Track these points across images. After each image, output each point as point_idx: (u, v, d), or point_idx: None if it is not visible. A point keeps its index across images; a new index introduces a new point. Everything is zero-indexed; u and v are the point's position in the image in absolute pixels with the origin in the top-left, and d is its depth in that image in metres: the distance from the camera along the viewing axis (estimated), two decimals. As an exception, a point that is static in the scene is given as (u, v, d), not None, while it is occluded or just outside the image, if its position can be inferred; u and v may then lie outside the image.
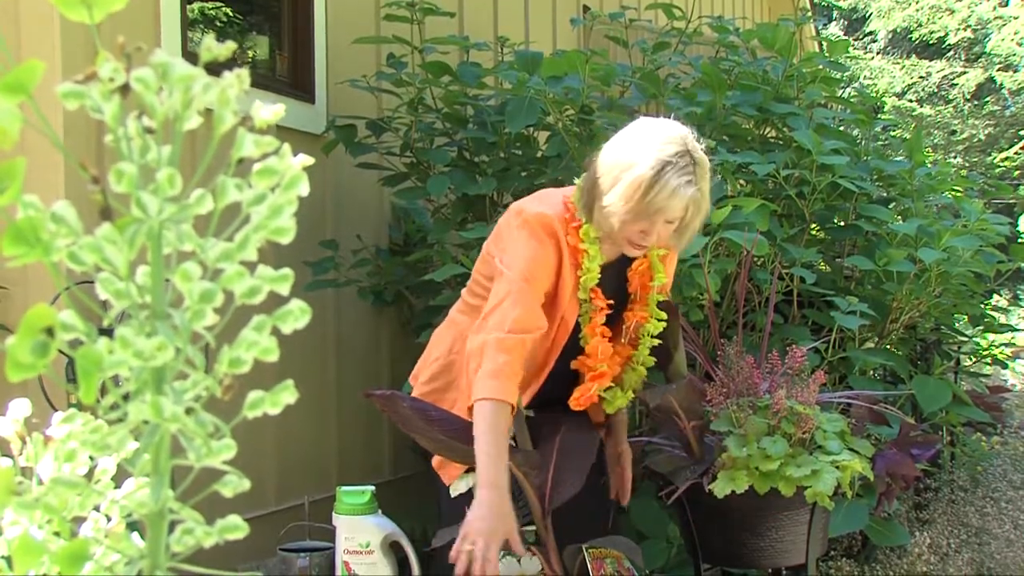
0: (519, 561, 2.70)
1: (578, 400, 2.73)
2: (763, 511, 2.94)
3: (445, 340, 2.85)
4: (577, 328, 2.70)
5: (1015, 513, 4.22)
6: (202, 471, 0.67)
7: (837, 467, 2.79)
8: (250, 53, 4.38)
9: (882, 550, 3.82)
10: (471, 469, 2.72)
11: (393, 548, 3.07)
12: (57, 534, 0.72)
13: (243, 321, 0.67)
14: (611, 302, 2.69)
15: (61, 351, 0.72)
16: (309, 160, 0.64)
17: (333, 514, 3.08)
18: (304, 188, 0.63)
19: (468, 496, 2.69)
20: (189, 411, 0.60)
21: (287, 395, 0.63)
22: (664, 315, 2.81)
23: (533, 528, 2.62)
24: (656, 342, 2.82)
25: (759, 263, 3.85)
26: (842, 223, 4.22)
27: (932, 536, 3.82)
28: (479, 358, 2.50)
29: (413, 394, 2.78)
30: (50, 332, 0.57)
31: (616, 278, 2.76)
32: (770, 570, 3.39)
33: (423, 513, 3.74)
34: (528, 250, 2.60)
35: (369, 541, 3.03)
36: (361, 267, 4.34)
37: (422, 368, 2.87)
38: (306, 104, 4.29)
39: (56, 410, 0.79)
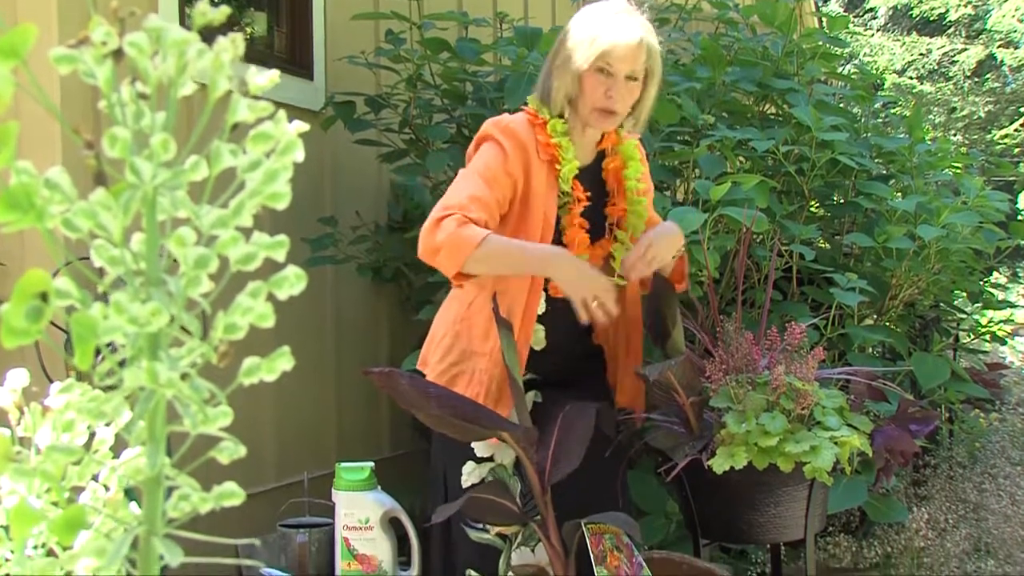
0: (533, 551, 2.71)
1: (556, 288, 2.74)
2: (762, 487, 2.94)
3: (447, 316, 2.85)
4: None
5: (1012, 489, 4.23)
6: (201, 446, 0.67)
7: (836, 443, 2.79)
8: (248, 29, 4.36)
9: (880, 526, 3.83)
10: (480, 460, 2.73)
11: (392, 524, 3.08)
12: (55, 504, 0.72)
13: (239, 290, 0.66)
14: (588, 193, 2.75)
15: (59, 326, 0.71)
16: (304, 126, 0.64)
17: (332, 490, 3.09)
18: (299, 154, 0.63)
19: (478, 484, 2.70)
20: (185, 377, 0.60)
21: (283, 362, 0.63)
22: (644, 201, 2.85)
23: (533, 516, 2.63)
24: (641, 228, 2.84)
25: (758, 240, 3.85)
26: (841, 200, 4.21)
27: (930, 512, 3.83)
28: (429, 236, 2.56)
29: (429, 379, 2.77)
30: (44, 297, 0.56)
31: (592, 180, 2.80)
32: (768, 545, 3.40)
33: (422, 490, 3.75)
34: (485, 153, 2.67)
35: (368, 517, 3.03)
36: (360, 244, 4.33)
37: (431, 351, 2.85)
38: (304, 80, 4.27)
39: (53, 382, 0.79)
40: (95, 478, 0.77)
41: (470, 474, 2.73)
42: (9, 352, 0.92)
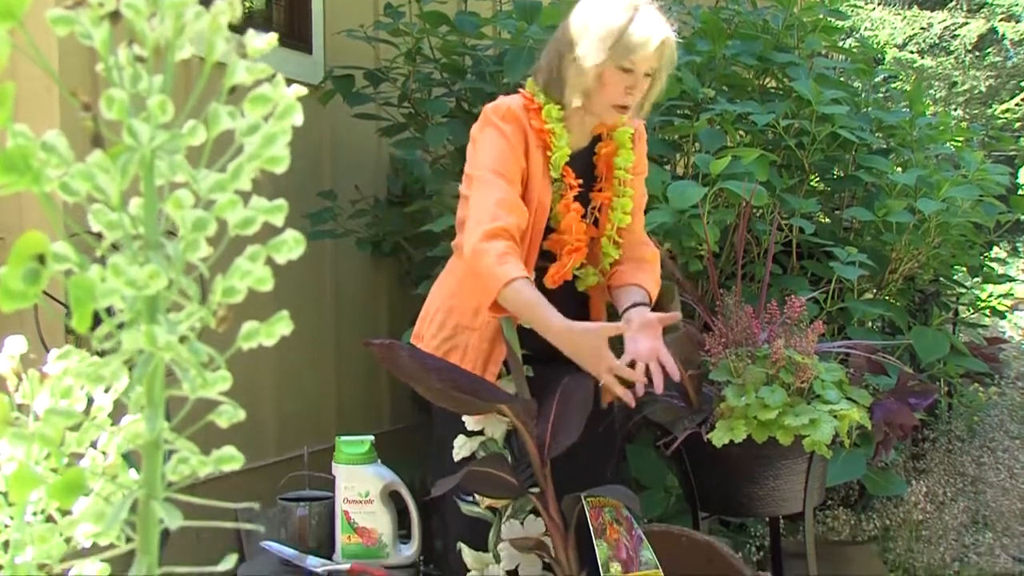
0: (522, 523, 2.72)
1: (553, 277, 2.74)
2: (761, 460, 2.95)
3: (441, 292, 2.85)
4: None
5: (1011, 462, 4.24)
6: (200, 412, 0.67)
7: (835, 416, 2.80)
8: (246, 2, 4.34)
9: (879, 499, 3.84)
10: (472, 433, 2.73)
11: (392, 498, 3.08)
12: (55, 471, 0.72)
13: (239, 256, 0.66)
14: (580, 181, 2.75)
15: (59, 300, 0.71)
16: (303, 90, 0.64)
17: (333, 464, 3.09)
18: (298, 118, 0.63)
19: (470, 457, 2.70)
20: (183, 340, 0.60)
21: (282, 326, 0.63)
22: (630, 192, 2.82)
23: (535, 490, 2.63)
24: (627, 219, 2.83)
25: (758, 214, 3.84)
26: (841, 174, 4.20)
27: (929, 485, 3.84)
28: (475, 261, 2.54)
29: None
30: (41, 259, 0.56)
31: (583, 164, 2.79)
32: (767, 519, 3.41)
33: (423, 463, 3.75)
34: (492, 144, 2.65)
35: (368, 490, 3.04)
36: (359, 218, 4.33)
37: (424, 327, 2.83)
38: (303, 54, 4.26)
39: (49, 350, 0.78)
40: (94, 445, 0.77)
41: (461, 447, 2.74)
42: (7, 322, 0.91)
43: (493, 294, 2.51)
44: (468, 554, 2.74)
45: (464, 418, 2.73)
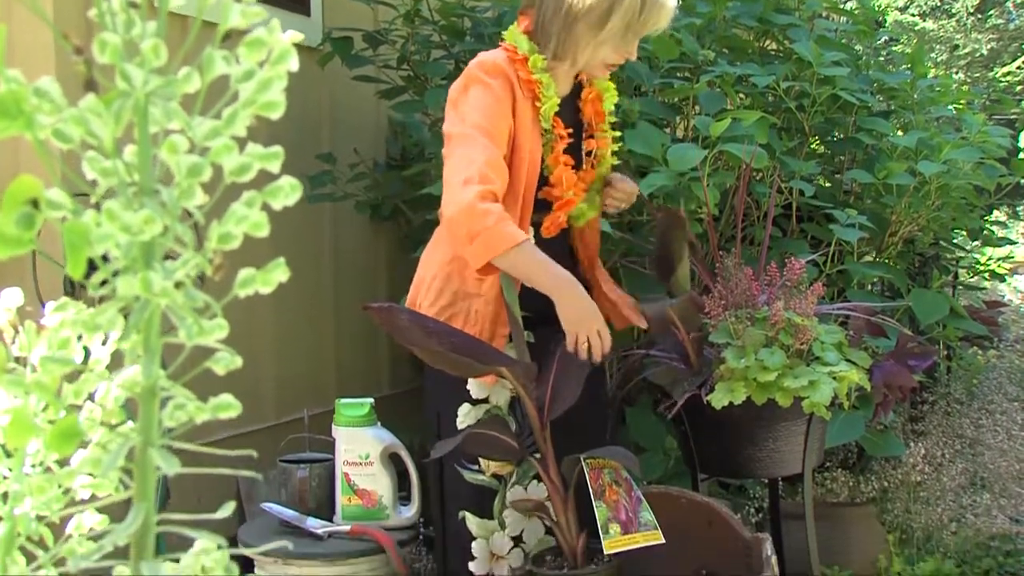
0: (526, 489, 2.73)
1: (547, 228, 2.76)
2: (760, 422, 2.96)
3: (435, 258, 2.81)
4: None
5: (1009, 424, 4.25)
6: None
7: (834, 378, 2.80)
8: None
9: (877, 461, 3.85)
10: (476, 401, 2.73)
11: (392, 460, 3.09)
12: (52, 423, 0.72)
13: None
14: (570, 130, 2.76)
15: (56, 261, 0.70)
16: (299, 36, 0.63)
17: (332, 426, 3.10)
18: (293, 63, 0.62)
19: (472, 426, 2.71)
20: (179, 286, 0.59)
21: (279, 273, 0.63)
22: (618, 135, 2.90)
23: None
24: (615, 161, 2.87)
25: (758, 177, 3.83)
26: (842, 136, 4.18)
27: (927, 447, 3.85)
28: (469, 220, 2.48)
29: None
30: (35, 204, 0.56)
31: (569, 112, 2.81)
32: (766, 480, 3.42)
33: (421, 427, 3.76)
34: (478, 101, 2.62)
35: (368, 452, 3.05)
36: (358, 181, 4.31)
37: (420, 295, 2.81)
38: (301, 16, 4.23)
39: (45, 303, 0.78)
40: (91, 398, 0.77)
41: (466, 415, 2.74)
42: (4, 281, 0.90)
43: (494, 254, 2.48)
44: (473, 522, 2.75)
45: (469, 385, 2.73)
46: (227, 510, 0.64)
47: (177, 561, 0.65)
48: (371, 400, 3.12)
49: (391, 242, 4.64)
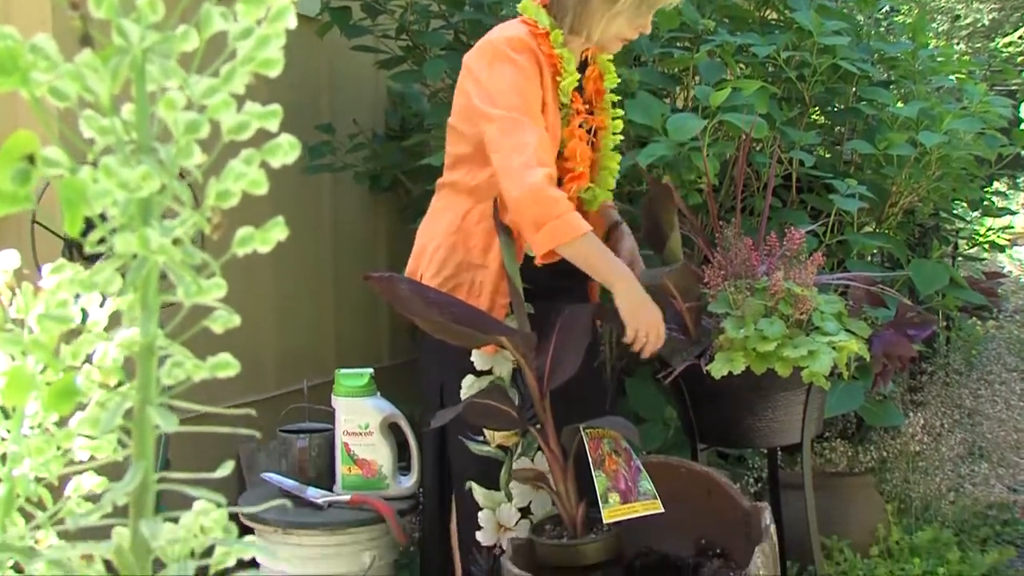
0: (532, 460, 2.73)
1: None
2: (760, 392, 2.96)
3: (438, 228, 2.79)
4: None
5: (1007, 394, 4.26)
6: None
7: (834, 348, 2.80)
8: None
9: (876, 431, 3.86)
10: (480, 373, 2.73)
11: (392, 430, 3.10)
12: (50, 385, 0.72)
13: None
14: (587, 105, 2.78)
15: (55, 232, 0.70)
16: (297, -8, 0.62)
17: (332, 396, 3.10)
18: (291, 20, 0.61)
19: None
20: (177, 243, 0.59)
21: (278, 231, 0.62)
22: (620, 113, 2.90)
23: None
24: (619, 139, 2.88)
25: (758, 147, 3.82)
26: (842, 106, 4.17)
27: (926, 417, 3.85)
28: (538, 207, 2.52)
29: None
30: (31, 160, 0.55)
31: (578, 88, 2.80)
32: (766, 450, 3.43)
33: (421, 398, 3.76)
34: (512, 80, 2.61)
35: (368, 422, 3.05)
36: (357, 152, 4.30)
37: (421, 265, 2.79)
38: (299, -14, 4.21)
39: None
40: (89, 360, 0.77)
41: (469, 387, 2.74)
42: (2, 246, 0.90)
43: (560, 242, 2.54)
44: (479, 493, 2.75)
45: (473, 357, 2.73)
46: (226, 469, 0.63)
47: (176, 521, 0.65)
48: (371, 370, 3.13)
49: (390, 213, 4.63)
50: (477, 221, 2.70)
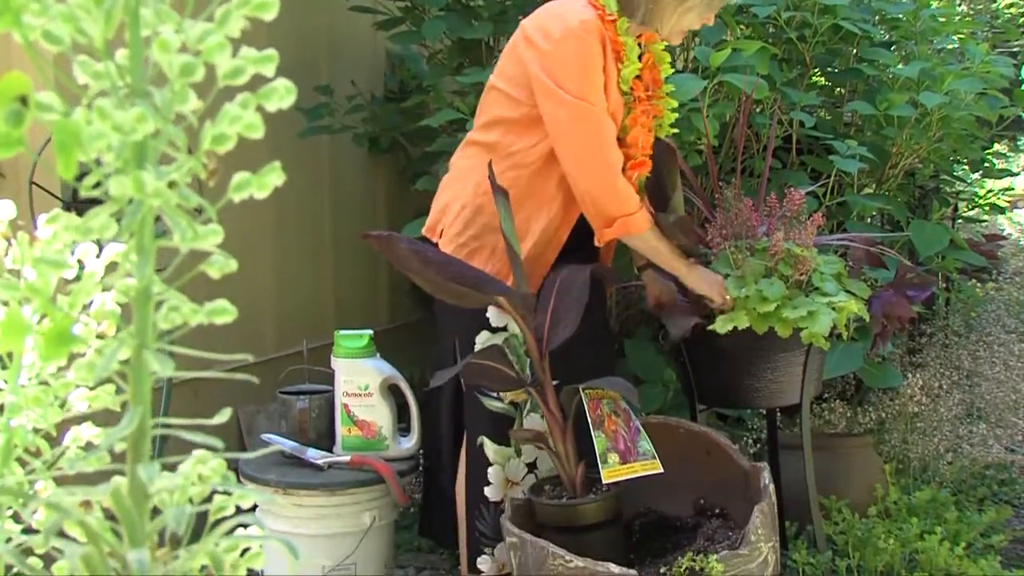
0: (542, 417, 2.73)
1: None
2: (759, 353, 2.96)
3: (466, 185, 2.79)
4: None
5: (1006, 355, 4.27)
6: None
7: (833, 308, 2.80)
8: None
9: (875, 392, 3.86)
10: (495, 329, 2.73)
11: (392, 391, 3.10)
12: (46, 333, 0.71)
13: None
14: (649, 93, 2.82)
15: (52, 194, 0.69)
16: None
17: (332, 358, 3.10)
18: (287, -37, 0.61)
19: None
20: (172, 186, 0.58)
21: (274, 177, 0.62)
22: (674, 104, 2.93)
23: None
24: (673, 131, 2.96)
25: (758, 108, 3.80)
26: (843, 67, 4.15)
27: (924, 379, 3.86)
28: (613, 203, 2.68)
29: (442, 249, 2.76)
30: (24, 101, 0.55)
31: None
32: (765, 411, 3.43)
33: (421, 360, 3.76)
34: (578, 61, 2.65)
35: (368, 384, 3.06)
36: (356, 113, 4.28)
37: (446, 221, 2.80)
38: (296, -54, 4.17)
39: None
40: (86, 310, 0.76)
41: (483, 343, 2.74)
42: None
43: (629, 234, 2.72)
44: (490, 448, 2.77)
45: (489, 314, 2.74)
46: (223, 416, 0.63)
47: (174, 469, 0.65)
48: (370, 332, 3.12)
49: (389, 175, 4.62)
50: (509, 185, 2.69)
